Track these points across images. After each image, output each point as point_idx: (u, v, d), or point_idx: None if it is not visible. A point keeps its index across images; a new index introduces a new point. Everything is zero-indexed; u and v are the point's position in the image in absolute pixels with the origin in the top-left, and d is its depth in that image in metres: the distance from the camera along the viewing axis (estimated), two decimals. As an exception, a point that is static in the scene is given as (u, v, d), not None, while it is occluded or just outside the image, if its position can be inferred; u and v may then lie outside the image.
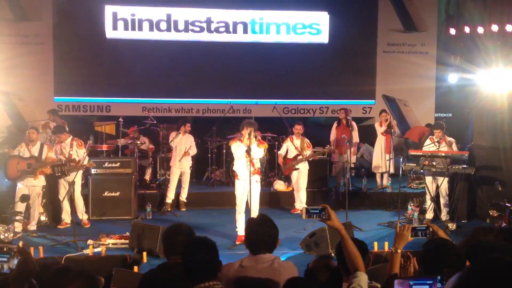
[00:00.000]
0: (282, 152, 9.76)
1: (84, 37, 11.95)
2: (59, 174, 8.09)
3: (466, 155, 8.52)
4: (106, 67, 12.13)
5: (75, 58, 11.89)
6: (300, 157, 9.45)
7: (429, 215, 8.63)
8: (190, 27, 12.44)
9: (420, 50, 13.03)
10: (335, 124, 10.76)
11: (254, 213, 7.68)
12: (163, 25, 12.35)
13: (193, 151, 9.87)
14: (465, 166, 8.30)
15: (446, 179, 8.49)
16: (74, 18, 11.92)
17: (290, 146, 9.61)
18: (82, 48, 11.94)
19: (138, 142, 10.48)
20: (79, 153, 8.38)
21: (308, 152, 9.50)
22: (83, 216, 8.45)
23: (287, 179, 10.22)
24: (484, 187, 8.94)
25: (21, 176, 7.86)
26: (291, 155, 9.60)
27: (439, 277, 1.52)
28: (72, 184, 7.95)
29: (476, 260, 3.18)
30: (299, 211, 9.06)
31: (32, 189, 7.96)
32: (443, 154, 8.35)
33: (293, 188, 9.78)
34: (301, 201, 9.45)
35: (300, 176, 9.48)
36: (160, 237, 6.33)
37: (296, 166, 9.48)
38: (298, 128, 9.51)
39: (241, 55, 12.58)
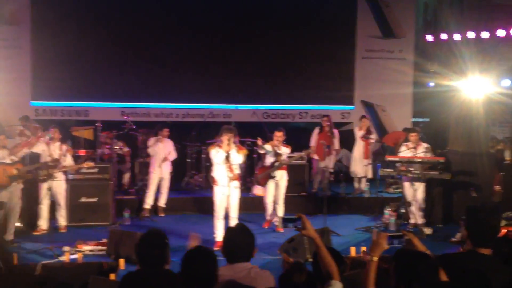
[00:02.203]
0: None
1: (63, 40, 11.81)
2: (46, 177, 8.03)
3: (442, 160, 8.64)
4: (84, 71, 12.01)
5: (53, 62, 11.76)
6: (277, 163, 8.83)
7: (412, 220, 8.69)
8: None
9: (398, 56, 13.17)
10: (316, 130, 10.80)
11: (233, 220, 7.70)
12: (142, 30, 12.31)
13: (173, 156, 9.84)
14: (441, 171, 8.42)
15: (423, 184, 8.61)
16: (51, 21, 11.79)
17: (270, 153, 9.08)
18: (60, 52, 11.80)
19: (117, 147, 10.41)
20: (67, 158, 8.38)
21: (285, 157, 8.90)
22: (62, 222, 8.38)
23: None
24: (460, 192, 9.09)
25: (10, 182, 7.70)
26: (268, 162, 8.98)
27: None
28: (52, 188, 7.91)
29: (451, 272, 3.24)
30: (275, 223, 8.77)
31: (13, 194, 7.79)
32: (420, 160, 8.46)
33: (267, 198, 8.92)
34: (277, 215, 8.80)
35: (278, 186, 8.83)
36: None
37: (272, 174, 8.85)
38: (279, 135, 8.77)
39: (220, 60, 12.57)
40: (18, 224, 8.21)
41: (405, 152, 8.75)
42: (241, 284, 3.34)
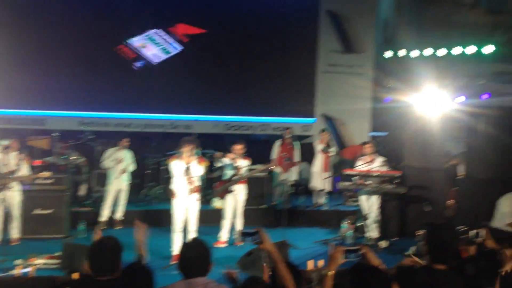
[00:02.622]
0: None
1: (18, 46, 11.52)
2: (1, 187, 7.80)
3: (398, 174, 8.81)
4: (41, 79, 11.72)
5: (8, 70, 11.43)
6: (236, 176, 8.69)
7: (369, 233, 8.80)
8: (131, 41, 12.33)
9: (358, 71, 13.42)
10: (278, 143, 10.86)
11: (192, 233, 7.63)
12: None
13: (132, 167, 9.71)
14: (397, 185, 8.59)
15: (379, 197, 8.76)
16: (5, 25, 11.48)
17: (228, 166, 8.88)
18: (15, 58, 11.49)
19: (75, 157, 10.20)
20: (25, 168, 8.17)
21: (244, 170, 8.75)
22: (15, 234, 8.14)
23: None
24: (415, 206, 9.28)
25: None
26: (227, 175, 8.84)
27: None
28: (11, 199, 7.67)
29: (406, 286, 3.31)
30: (223, 244, 8.55)
31: None
32: (376, 174, 8.61)
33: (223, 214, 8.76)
34: (235, 231, 8.61)
35: (237, 201, 8.70)
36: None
37: (231, 188, 8.69)
38: (238, 148, 8.67)
39: (183, 71, 12.52)
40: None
41: (362, 165, 8.89)
42: None
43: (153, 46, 12.42)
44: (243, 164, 8.69)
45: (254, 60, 12.85)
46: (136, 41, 12.31)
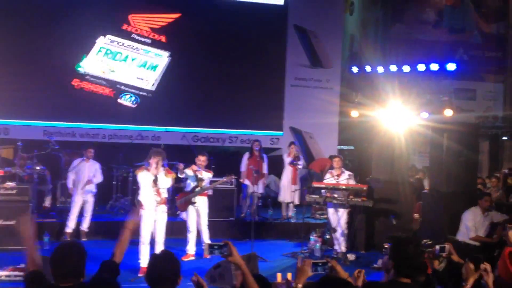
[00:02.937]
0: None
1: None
2: None
3: (365, 188, 8.95)
4: (5, 87, 11.45)
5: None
6: (198, 188, 8.51)
7: (336, 246, 8.85)
8: (99, 51, 12.20)
9: (325, 85, 13.61)
10: (246, 155, 10.88)
11: (159, 245, 7.56)
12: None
13: (98, 179, 9.56)
14: (364, 198, 8.72)
15: (346, 210, 8.87)
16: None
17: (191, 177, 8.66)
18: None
19: (38, 168, 9.98)
20: None
21: (206, 182, 8.63)
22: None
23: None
24: (382, 219, 9.44)
25: None
26: (189, 187, 8.71)
27: None
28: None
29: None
30: (191, 257, 8.45)
31: None
32: (344, 187, 8.73)
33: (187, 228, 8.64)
34: (202, 243, 8.54)
35: (199, 213, 8.59)
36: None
37: (193, 200, 8.49)
38: (202, 160, 8.54)
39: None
40: None
41: (329, 179, 9.00)
42: None
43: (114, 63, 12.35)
44: (206, 176, 8.60)
45: (222, 72, 12.89)
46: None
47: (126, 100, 12.39)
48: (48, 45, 11.78)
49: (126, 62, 12.41)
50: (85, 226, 9.41)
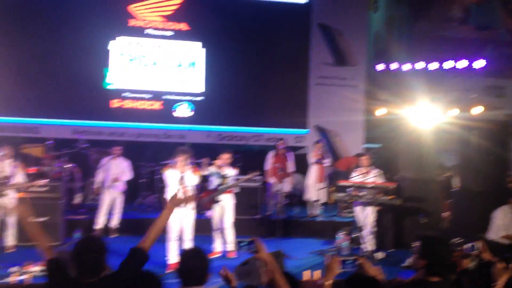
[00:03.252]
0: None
1: (12, 54, 11.50)
2: None
3: (393, 186, 8.87)
4: (35, 87, 11.70)
5: (1, 76, 11.39)
6: (223, 186, 8.46)
7: (369, 245, 8.79)
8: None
9: (350, 83, 13.53)
10: (271, 153, 10.90)
11: (187, 242, 7.62)
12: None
13: (127, 176, 9.69)
14: (392, 197, 8.64)
15: (374, 209, 8.80)
16: (0, 33, 11.48)
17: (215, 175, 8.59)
18: (9, 65, 11.46)
19: (67, 166, 10.17)
20: (20, 176, 8.14)
21: (231, 180, 8.54)
22: (10, 241, 8.10)
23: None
24: (410, 217, 9.33)
25: None
26: (213, 185, 8.63)
27: None
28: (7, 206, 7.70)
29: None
30: (218, 254, 8.41)
31: None
32: (371, 185, 8.66)
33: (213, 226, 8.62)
34: (226, 242, 8.49)
35: (224, 211, 8.54)
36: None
37: (217, 198, 8.48)
38: (226, 157, 8.49)
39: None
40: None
41: (357, 177, 8.94)
42: None
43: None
44: (230, 173, 8.56)
45: (247, 71, 12.92)
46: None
47: (184, 110, 12.40)
48: (71, 50, 11.93)
49: (157, 65, 12.46)
50: (114, 223, 9.54)
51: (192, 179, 7.73)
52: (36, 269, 6.77)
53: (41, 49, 11.77)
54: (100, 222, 9.36)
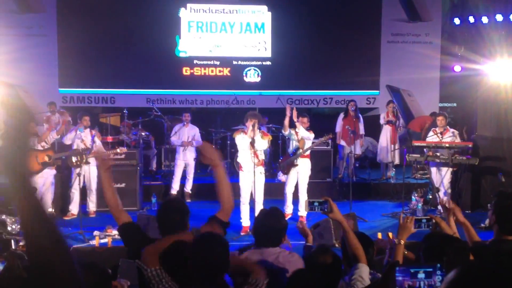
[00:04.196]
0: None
1: (88, 27, 11.94)
2: (79, 162, 8.18)
3: (470, 145, 8.53)
4: (110, 58, 12.14)
5: (79, 49, 11.89)
6: (300, 151, 8.41)
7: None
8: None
9: (424, 40, 12.97)
10: (341, 115, 10.75)
11: (259, 204, 7.74)
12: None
13: (198, 142, 9.90)
14: (469, 156, 8.32)
15: (450, 169, 8.51)
16: (77, 9, 11.91)
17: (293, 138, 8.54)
18: (86, 39, 11.93)
19: (143, 134, 10.54)
20: (98, 143, 8.53)
21: (308, 144, 8.46)
22: (92, 207, 8.57)
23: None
24: (488, 177, 8.96)
25: (43, 169, 7.88)
26: (291, 149, 8.62)
27: (438, 265, 1.54)
28: (89, 174, 8.12)
29: (482, 257, 3.22)
30: (289, 216, 8.32)
31: (46, 180, 8.00)
32: (447, 145, 8.37)
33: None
34: (300, 205, 8.34)
35: (300, 175, 8.43)
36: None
37: (295, 162, 8.41)
38: (304, 121, 8.41)
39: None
40: (50, 210, 8.42)
41: (432, 137, 8.66)
42: (272, 264, 3.35)
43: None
44: (307, 135, 8.44)
45: (315, 32, 12.68)
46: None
47: (252, 76, 12.51)
48: (144, 21, 12.18)
49: (224, 31, 12.51)
50: (188, 188, 9.84)
51: (262, 143, 7.78)
52: (116, 232, 7.13)
53: (115, 23, 12.15)
54: (175, 187, 9.68)
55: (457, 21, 13.01)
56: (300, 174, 8.42)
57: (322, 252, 3.22)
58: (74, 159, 8.12)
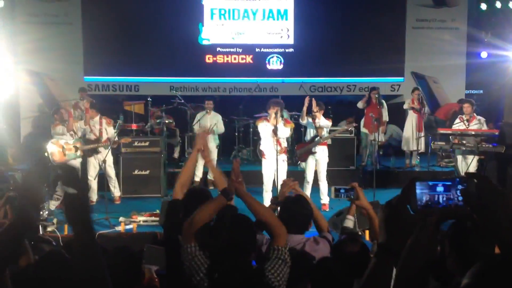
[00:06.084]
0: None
1: (113, 16, 12.01)
2: (90, 152, 8.28)
3: (496, 133, 8.39)
4: (135, 46, 12.21)
5: (104, 38, 11.98)
6: (318, 138, 8.38)
7: None
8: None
9: (450, 25, 12.72)
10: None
11: (281, 192, 7.73)
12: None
13: (220, 129, 9.92)
14: (495, 144, 8.19)
15: (476, 157, 8.40)
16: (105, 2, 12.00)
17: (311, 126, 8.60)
18: (111, 27, 12.01)
19: (167, 121, 10.61)
20: (109, 130, 8.56)
21: (326, 132, 8.50)
22: (116, 193, 8.66)
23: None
24: (515, 165, 8.81)
25: (69, 160, 8.00)
26: (308, 137, 8.72)
27: (457, 179, 1.52)
28: (104, 162, 8.12)
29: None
30: (321, 201, 8.34)
31: None
32: (473, 133, 8.25)
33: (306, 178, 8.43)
34: (322, 193, 8.34)
35: (318, 163, 8.42)
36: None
37: (313, 150, 8.37)
38: (321, 114, 8.36)
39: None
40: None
41: (458, 124, 8.53)
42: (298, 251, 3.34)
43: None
44: (325, 124, 8.41)
45: (339, 20, 12.55)
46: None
47: (275, 63, 12.49)
48: (167, 8, 12.21)
49: (250, 19, 12.46)
50: (211, 175, 9.87)
51: (285, 131, 7.76)
52: (141, 218, 7.23)
53: (138, 11, 12.20)
54: (198, 174, 9.73)
55: (483, 6, 12.74)
56: (318, 162, 8.39)
57: (351, 241, 3.21)
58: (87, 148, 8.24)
